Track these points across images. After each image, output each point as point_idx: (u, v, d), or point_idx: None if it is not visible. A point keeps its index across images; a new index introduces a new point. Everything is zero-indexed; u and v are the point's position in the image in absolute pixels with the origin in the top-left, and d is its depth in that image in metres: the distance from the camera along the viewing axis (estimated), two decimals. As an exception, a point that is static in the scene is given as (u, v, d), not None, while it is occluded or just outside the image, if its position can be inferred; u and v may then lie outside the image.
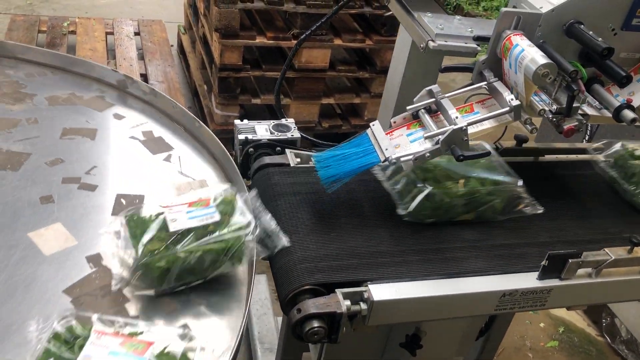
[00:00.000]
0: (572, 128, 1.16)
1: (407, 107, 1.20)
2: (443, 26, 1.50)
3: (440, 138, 1.11)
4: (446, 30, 1.48)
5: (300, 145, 1.43)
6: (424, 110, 1.19)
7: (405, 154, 1.14)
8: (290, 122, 1.45)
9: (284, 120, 1.44)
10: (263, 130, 1.40)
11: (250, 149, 1.36)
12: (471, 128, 1.14)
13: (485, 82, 1.19)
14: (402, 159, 1.14)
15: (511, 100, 1.13)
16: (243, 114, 3.16)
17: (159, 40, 3.78)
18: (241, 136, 1.36)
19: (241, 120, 1.42)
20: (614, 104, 1.15)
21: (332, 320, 1.03)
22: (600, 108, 1.21)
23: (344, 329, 1.05)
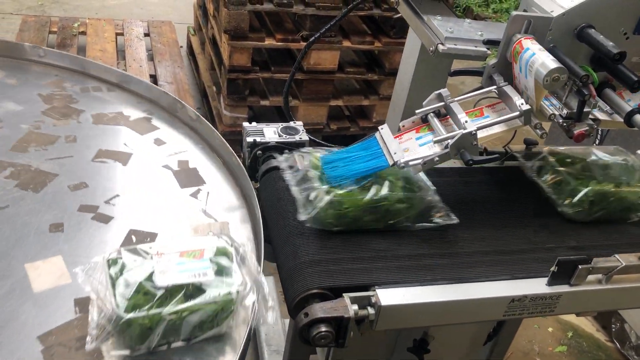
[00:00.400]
0: (583, 133, 1.15)
1: (416, 111, 1.20)
2: (453, 29, 1.49)
3: (449, 142, 1.11)
4: (456, 34, 1.47)
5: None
6: (433, 114, 1.19)
7: (414, 157, 1.13)
8: (299, 125, 1.45)
9: (292, 123, 1.44)
10: (271, 132, 1.40)
11: (258, 152, 1.36)
12: (480, 132, 1.13)
13: (495, 86, 1.18)
14: (411, 162, 1.13)
15: (521, 104, 1.12)
16: (252, 116, 3.16)
17: (169, 41, 3.80)
18: (249, 139, 1.36)
19: (249, 122, 1.42)
20: (625, 108, 1.14)
21: (340, 324, 1.02)
22: (612, 113, 1.21)
23: (351, 333, 1.05)
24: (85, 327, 0.92)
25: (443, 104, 1.18)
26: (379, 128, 1.22)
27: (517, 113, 1.12)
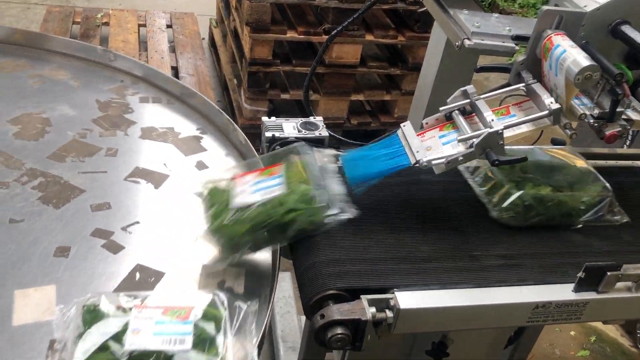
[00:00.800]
0: (615, 134, 1.10)
1: (440, 108, 1.16)
2: (480, 24, 1.45)
3: (474, 141, 1.07)
4: (483, 29, 1.43)
5: (328, 144, 1.40)
6: (457, 111, 1.15)
7: (437, 157, 1.10)
8: (319, 120, 1.42)
9: (312, 118, 1.41)
10: (290, 128, 1.37)
11: (277, 147, 1.34)
12: (507, 132, 1.09)
13: (523, 84, 1.14)
14: (434, 162, 1.10)
15: (551, 103, 1.07)
16: (272, 109, 3.14)
17: (191, 33, 3.79)
18: (268, 134, 1.34)
19: (269, 115, 1.40)
20: (661, 109, 1.09)
21: (357, 327, 0.99)
22: (646, 113, 1.15)
23: (368, 336, 1.02)
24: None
25: (468, 101, 1.14)
26: (402, 125, 1.19)
27: (546, 112, 1.08)
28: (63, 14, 3.66)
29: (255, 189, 1.03)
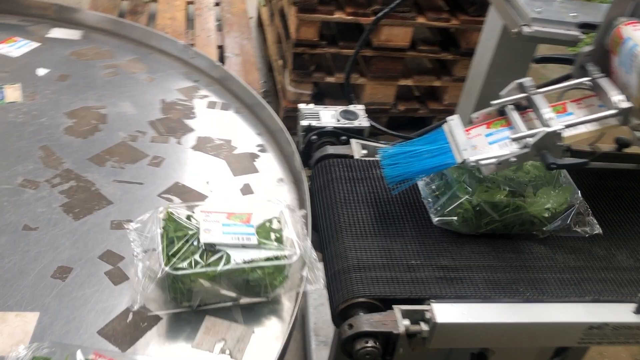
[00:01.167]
0: (693, 138, 0.98)
1: (492, 102, 1.05)
2: (541, 9, 1.31)
3: (529, 141, 0.96)
4: (544, 15, 1.29)
5: (369, 134, 1.31)
6: (512, 106, 1.04)
7: (485, 157, 0.99)
8: (360, 109, 1.33)
9: (352, 107, 1.32)
10: (329, 116, 1.29)
11: (313, 137, 1.26)
12: (565, 131, 0.97)
13: (588, 78, 1.02)
14: (483, 162, 0.99)
15: (620, 101, 0.95)
16: (316, 92, 3.06)
17: (238, 11, 3.73)
18: (304, 122, 1.26)
19: (314, 99, 1.30)
20: None
21: (388, 340, 0.91)
22: None
23: (400, 349, 0.94)
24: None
25: (525, 95, 1.02)
26: (448, 119, 1.09)
27: (614, 111, 0.96)
28: (112, -10, 3.66)
29: (224, 232, 0.90)
